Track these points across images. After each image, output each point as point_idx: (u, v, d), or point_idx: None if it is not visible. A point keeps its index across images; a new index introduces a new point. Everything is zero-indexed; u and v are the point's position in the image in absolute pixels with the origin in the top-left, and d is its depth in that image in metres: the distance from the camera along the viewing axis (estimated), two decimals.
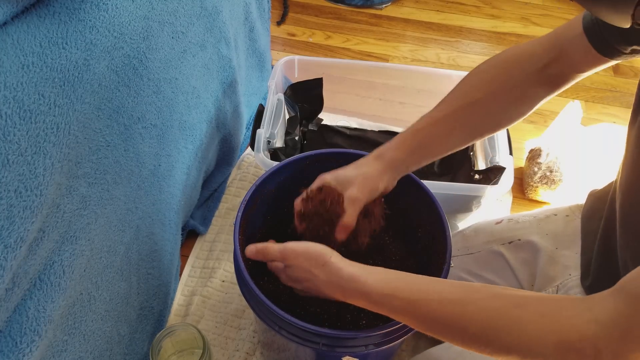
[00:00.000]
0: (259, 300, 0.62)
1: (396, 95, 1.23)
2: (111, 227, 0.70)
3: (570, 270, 0.72)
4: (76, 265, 0.62)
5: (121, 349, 0.80)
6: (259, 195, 0.75)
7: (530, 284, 0.77)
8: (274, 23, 1.71)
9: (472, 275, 0.83)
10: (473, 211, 0.99)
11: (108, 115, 0.65)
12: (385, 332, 0.61)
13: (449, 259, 0.67)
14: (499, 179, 0.91)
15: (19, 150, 0.49)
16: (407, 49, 1.65)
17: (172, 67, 0.79)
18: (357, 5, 1.78)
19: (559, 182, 1.17)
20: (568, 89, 0.75)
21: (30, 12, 0.53)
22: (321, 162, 0.79)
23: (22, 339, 0.54)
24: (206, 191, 1.15)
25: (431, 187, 0.75)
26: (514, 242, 0.81)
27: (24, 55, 0.50)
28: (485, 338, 0.49)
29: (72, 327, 0.65)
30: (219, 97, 1.01)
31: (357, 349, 0.62)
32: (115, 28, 0.63)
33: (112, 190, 0.68)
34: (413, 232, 0.80)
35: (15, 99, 0.49)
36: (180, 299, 1.02)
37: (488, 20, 1.77)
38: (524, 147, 1.35)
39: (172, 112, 0.82)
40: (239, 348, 0.94)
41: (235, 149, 1.18)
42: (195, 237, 1.12)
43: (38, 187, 0.52)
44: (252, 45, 1.20)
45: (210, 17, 0.90)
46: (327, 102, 1.18)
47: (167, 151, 0.84)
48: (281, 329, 0.62)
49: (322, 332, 0.59)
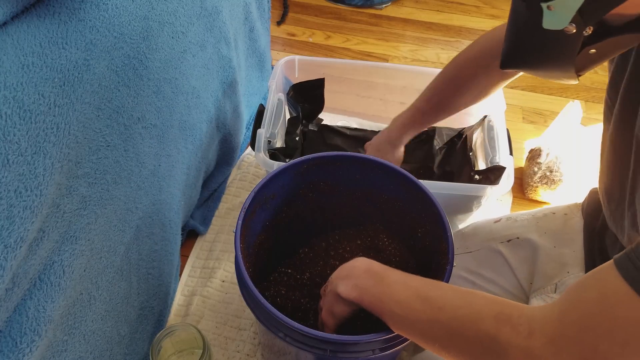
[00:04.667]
0: (264, 308, 0.61)
1: (396, 95, 1.22)
2: (111, 227, 0.70)
3: (569, 268, 0.72)
4: (76, 265, 0.62)
5: (121, 349, 0.80)
6: (258, 201, 0.75)
7: (529, 282, 0.78)
8: (274, 23, 1.71)
9: (471, 273, 0.83)
10: (473, 211, 0.99)
11: (108, 115, 0.65)
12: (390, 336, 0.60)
13: (451, 260, 0.67)
14: (499, 179, 0.91)
15: (19, 150, 0.49)
16: (407, 49, 1.65)
17: (172, 67, 0.79)
18: (357, 5, 1.78)
19: (559, 182, 1.17)
20: (568, 89, 0.78)
21: (30, 12, 0.53)
22: (319, 166, 0.79)
23: (22, 339, 0.54)
24: (206, 191, 1.15)
25: (431, 187, 0.75)
26: (513, 241, 0.81)
27: (24, 55, 0.50)
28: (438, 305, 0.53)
29: (72, 327, 0.65)
30: (219, 97, 1.01)
31: (363, 354, 0.61)
32: (115, 28, 0.63)
33: (112, 190, 0.68)
34: (413, 232, 0.80)
35: (15, 99, 0.49)
36: (180, 299, 1.02)
37: (488, 20, 1.77)
38: (524, 147, 1.35)
39: (172, 112, 0.82)
40: (240, 349, 0.94)
41: (235, 149, 1.18)
42: (195, 237, 1.12)
43: (38, 187, 0.52)
44: (252, 45, 1.20)
45: (210, 17, 0.90)
46: (327, 102, 1.18)
47: (167, 151, 0.84)
48: (286, 336, 0.62)
49: (329, 338, 0.59)
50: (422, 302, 0.54)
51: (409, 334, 0.57)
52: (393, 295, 0.57)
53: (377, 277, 0.60)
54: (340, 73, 1.18)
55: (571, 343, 0.44)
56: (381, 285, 0.59)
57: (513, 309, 0.49)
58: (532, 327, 0.46)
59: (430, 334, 0.54)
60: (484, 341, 0.48)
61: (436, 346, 0.53)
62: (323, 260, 0.82)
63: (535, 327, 0.46)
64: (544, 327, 0.45)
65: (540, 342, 0.45)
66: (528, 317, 0.47)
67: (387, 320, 0.58)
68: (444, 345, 0.53)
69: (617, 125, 0.59)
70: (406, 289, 0.57)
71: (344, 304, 0.62)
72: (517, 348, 0.46)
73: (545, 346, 0.45)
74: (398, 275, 0.60)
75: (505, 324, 0.47)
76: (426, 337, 0.55)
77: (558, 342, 0.44)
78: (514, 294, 0.79)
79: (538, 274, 0.75)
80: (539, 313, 0.47)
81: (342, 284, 0.62)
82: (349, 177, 0.81)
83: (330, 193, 0.84)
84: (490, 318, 0.49)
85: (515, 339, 0.46)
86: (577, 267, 0.72)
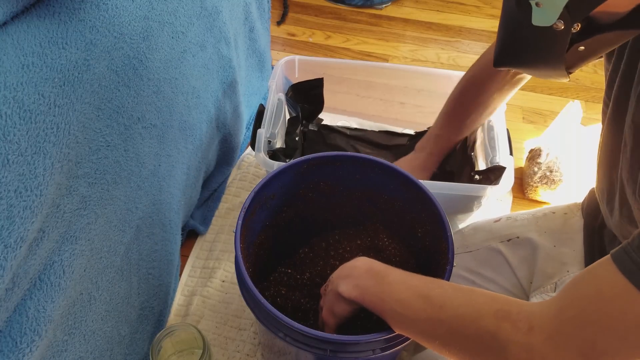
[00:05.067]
0: (264, 308, 0.61)
1: (396, 95, 1.22)
2: (111, 227, 0.70)
3: (569, 267, 0.72)
4: (76, 265, 0.62)
5: (121, 349, 0.80)
6: (258, 201, 0.75)
7: (529, 281, 0.78)
8: (274, 23, 1.71)
9: (471, 273, 0.83)
10: (473, 211, 0.99)
11: (108, 115, 0.65)
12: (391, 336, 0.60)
13: (451, 260, 0.67)
14: (499, 179, 0.91)
15: (19, 150, 0.49)
16: (407, 49, 1.65)
17: (172, 67, 0.79)
18: (357, 5, 1.78)
19: (559, 182, 1.17)
20: (568, 89, 0.79)
21: (30, 12, 0.53)
22: (319, 166, 0.79)
23: (22, 339, 0.54)
24: (206, 191, 1.15)
25: (431, 187, 0.75)
26: (513, 240, 0.81)
27: (24, 55, 0.50)
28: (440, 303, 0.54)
29: (72, 327, 0.65)
30: (219, 97, 1.01)
31: (363, 354, 0.61)
32: (115, 28, 0.63)
33: (112, 190, 0.68)
34: (413, 232, 0.80)
35: (15, 99, 0.49)
36: (180, 299, 1.02)
37: (488, 20, 1.77)
38: (524, 147, 1.35)
39: (172, 112, 0.82)
40: (240, 349, 0.94)
41: (235, 149, 1.18)
42: (195, 237, 1.12)
43: (38, 187, 0.52)
44: (252, 45, 1.20)
45: (210, 17, 0.90)
46: (327, 102, 1.18)
47: (167, 151, 0.84)
48: (286, 336, 0.62)
49: (330, 338, 0.59)
50: (423, 301, 0.55)
51: (410, 332, 0.57)
52: (394, 294, 0.57)
53: (378, 276, 0.60)
54: (340, 73, 1.18)
55: (570, 338, 0.44)
56: (382, 284, 0.59)
57: (512, 306, 0.49)
58: (531, 323, 0.46)
59: (431, 332, 0.54)
60: (484, 338, 0.49)
61: (437, 344, 0.54)
62: (323, 260, 0.82)
63: (534, 323, 0.46)
64: (543, 323, 0.46)
65: (539, 338, 0.45)
66: (527, 313, 0.47)
67: (388, 319, 0.58)
68: (444, 342, 0.53)
69: (610, 123, 0.60)
70: (407, 288, 0.57)
71: (345, 304, 0.62)
72: (517, 344, 0.46)
73: (544, 342, 0.45)
74: (399, 274, 0.60)
75: (505, 321, 0.48)
76: (427, 335, 0.55)
77: (557, 338, 0.44)
78: (514, 293, 0.79)
79: (538, 273, 0.76)
80: (537, 309, 0.47)
81: (343, 283, 0.62)
82: (349, 177, 0.81)
83: (330, 193, 0.84)
84: (490, 315, 0.49)
85: (515, 335, 0.47)
86: (577, 267, 0.72)
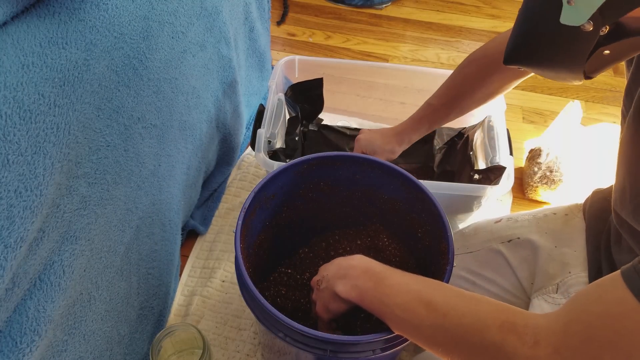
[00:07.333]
0: (264, 308, 0.61)
1: (396, 95, 1.23)
2: (111, 227, 0.70)
3: (570, 268, 0.72)
4: (76, 265, 0.62)
5: (121, 349, 0.80)
6: (258, 201, 0.75)
7: (530, 282, 0.77)
8: (274, 23, 1.71)
9: (472, 273, 0.83)
10: (473, 211, 0.99)
11: (108, 115, 0.65)
12: (391, 336, 0.60)
13: (451, 260, 0.67)
14: (499, 179, 0.91)
15: (19, 150, 0.49)
16: (407, 49, 1.65)
17: (172, 67, 0.79)
18: (357, 5, 1.78)
19: (559, 182, 1.17)
20: (568, 89, 0.78)
21: (30, 12, 0.53)
22: (319, 166, 0.79)
23: (22, 339, 0.54)
24: (206, 191, 1.15)
25: (431, 187, 0.75)
26: (513, 241, 0.81)
27: (24, 55, 0.50)
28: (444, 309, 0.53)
29: (72, 327, 0.65)
30: (219, 97, 1.01)
31: (363, 354, 0.61)
32: (115, 28, 0.63)
33: (112, 190, 0.68)
34: (413, 232, 0.80)
35: (15, 99, 0.49)
36: (180, 299, 1.02)
37: (488, 20, 1.77)
38: (524, 147, 1.35)
39: (172, 112, 0.82)
40: (240, 349, 0.94)
41: (235, 149, 1.18)
42: (195, 237, 1.12)
43: (38, 187, 0.52)
44: (252, 45, 1.20)
45: (210, 17, 0.90)
46: (327, 102, 1.18)
47: (167, 151, 0.84)
48: (286, 336, 0.61)
49: (330, 338, 0.58)
50: (425, 307, 0.54)
51: (411, 337, 0.57)
52: (395, 297, 0.57)
53: (377, 278, 0.59)
54: (340, 73, 1.19)
55: (576, 354, 0.43)
56: (382, 286, 0.58)
57: (518, 317, 0.48)
58: (537, 336, 0.46)
59: (434, 339, 0.53)
60: (489, 349, 0.48)
61: (440, 350, 0.53)
62: (323, 260, 0.82)
63: (540, 336, 0.46)
64: (549, 337, 0.45)
65: (545, 352, 0.45)
66: (533, 326, 0.47)
67: (389, 322, 0.58)
68: (448, 350, 0.52)
69: (630, 131, 0.58)
70: (408, 292, 0.56)
71: (341, 302, 0.62)
72: (523, 357, 0.46)
73: (550, 356, 0.44)
74: (399, 276, 0.59)
75: (511, 333, 0.47)
76: (430, 342, 0.54)
77: (563, 353, 0.44)
78: (515, 294, 0.79)
79: (539, 274, 0.75)
80: (544, 322, 0.47)
81: (340, 283, 0.61)
82: (349, 177, 0.81)
83: (330, 193, 0.84)
84: (496, 327, 0.48)
85: (520, 348, 0.46)
86: (579, 267, 0.72)
